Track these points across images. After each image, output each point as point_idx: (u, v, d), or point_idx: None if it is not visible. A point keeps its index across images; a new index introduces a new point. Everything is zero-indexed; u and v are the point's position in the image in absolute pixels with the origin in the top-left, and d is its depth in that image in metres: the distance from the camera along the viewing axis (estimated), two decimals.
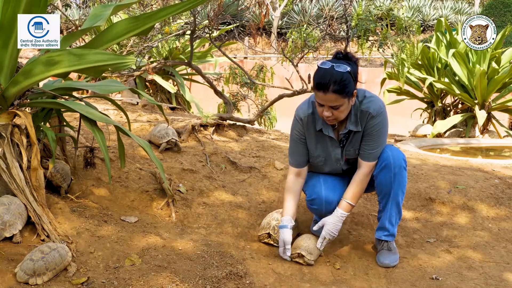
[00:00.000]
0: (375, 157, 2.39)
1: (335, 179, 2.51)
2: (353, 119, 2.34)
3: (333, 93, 2.18)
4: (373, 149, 2.37)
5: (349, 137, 2.40)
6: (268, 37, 17.59)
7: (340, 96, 2.20)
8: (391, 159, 2.35)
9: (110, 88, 2.93)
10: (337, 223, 2.39)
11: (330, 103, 2.22)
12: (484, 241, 2.70)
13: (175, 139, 3.43)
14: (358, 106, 2.33)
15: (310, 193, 2.46)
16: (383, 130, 2.37)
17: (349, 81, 2.20)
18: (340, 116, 2.28)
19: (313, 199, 2.44)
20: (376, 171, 2.39)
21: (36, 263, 1.94)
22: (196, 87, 8.42)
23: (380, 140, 2.37)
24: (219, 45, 5.14)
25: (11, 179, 2.23)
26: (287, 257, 2.40)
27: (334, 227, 2.38)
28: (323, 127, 2.38)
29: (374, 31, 4.52)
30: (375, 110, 2.32)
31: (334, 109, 2.24)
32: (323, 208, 2.43)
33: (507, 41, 11.38)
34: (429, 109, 6.95)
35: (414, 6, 18.23)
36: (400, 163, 2.36)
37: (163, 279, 2.07)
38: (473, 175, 3.47)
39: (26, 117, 2.27)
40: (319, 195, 2.42)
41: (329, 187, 2.43)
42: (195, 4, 2.39)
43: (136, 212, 2.70)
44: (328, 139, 2.42)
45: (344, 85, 2.18)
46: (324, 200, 2.40)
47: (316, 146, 2.45)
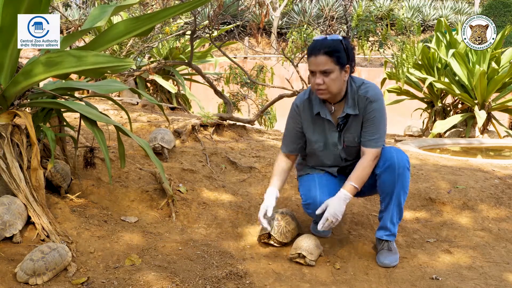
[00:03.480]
0: (377, 144, 2.38)
1: (330, 183, 2.49)
2: (350, 103, 2.36)
3: (323, 55, 2.24)
4: (373, 135, 2.37)
5: (347, 122, 2.40)
6: (268, 37, 17.58)
7: (330, 59, 2.24)
8: (395, 159, 2.34)
9: (110, 88, 2.93)
10: (341, 204, 2.30)
11: (321, 66, 2.25)
12: (484, 241, 2.70)
13: (160, 145, 3.29)
14: (356, 91, 2.37)
15: (306, 198, 2.46)
16: (382, 115, 2.38)
17: (341, 49, 2.26)
18: (331, 87, 2.28)
19: (309, 204, 2.44)
20: (379, 170, 2.38)
21: (36, 263, 1.94)
22: (196, 87, 8.42)
23: (380, 126, 2.37)
24: (219, 45, 5.14)
25: (11, 179, 2.24)
26: (264, 221, 2.41)
27: (337, 208, 2.29)
28: (320, 111, 2.40)
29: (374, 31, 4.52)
30: (373, 95, 2.35)
31: (325, 76, 2.26)
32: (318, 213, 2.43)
33: (507, 41, 11.37)
34: (429, 109, 6.95)
35: (414, 6, 18.22)
36: (404, 164, 2.35)
37: (163, 279, 2.07)
38: (473, 175, 3.47)
39: (26, 117, 2.27)
40: (314, 200, 2.40)
41: (324, 192, 2.41)
42: (196, 5, 2.40)
43: (136, 212, 2.70)
44: (326, 123, 2.43)
45: (335, 50, 2.24)
46: (319, 205, 2.39)
47: (314, 131, 2.46)
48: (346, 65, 2.30)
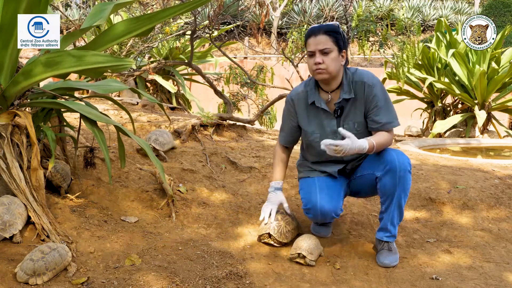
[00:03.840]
0: (390, 125, 2.38)
1: (331, 186, 2.46)
2: (346, 89, 2.38)
3: (323, 34, 2.30)
4: (382, 118, 2.37)
5: (343, 108, 2.40)
6: (268, 37, 17.57)
7: (330, 38, 2.30)
8: (396, 162, 2.32)
9: (110, 87, 2.93)
10: (354, 148, 2.23)
11: (320, 45, 2.30)
12: (484, 241, 2.70)
13: (152, 147, 3.26)
14: (351, 77, 2.39)
15: (306, 202, 2.45)
16: (386, 96, 2.39)
17: (339, 34, 2.33)
18: (330, 66, 2.31)
19: (308, 209, 2.43)
20: (380, 173, 2.36)
21: (36, 263, 1.94)
22: (196, 87, 8.42)
23: (387, 106, 2.38)
24: (219, 45, 5.14)
25: (11, 179, 2.24)
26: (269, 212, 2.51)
27: (349, 147, 2.22)
28: (315, 100, 2.42)
29: (374, 31, 4.53)
30: (369, 78, 2.38)
31: (324, 55, 2.31)
32: (318, 217, 2.43)
33: (507, 41, 11.37)
34: (429, 109, 6.96)
35: (414, 6, 18.22)
36: (405, 166, 2.33)
37: (163, 279, 2.07)
38: (473, 175, 3.47)
39: (26, 117, 2.27)
40: (314, 206, 2.40)
41: (324, 197, 2.40)
42: (196, 5, 2.39)
43: (136, 212, 2.70)
44: (321, 112, 2.43)
45: (335, 31, 2.32)
46: (319, 210, 2.39)
47: (309, 122, 2.47)
48: (343, 50, 2.35)
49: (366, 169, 2.45)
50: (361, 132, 2.41)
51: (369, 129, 2.42)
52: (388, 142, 2.39)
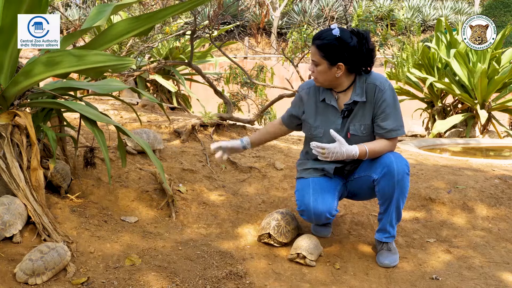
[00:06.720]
0: (395, 133, 2.36)
1: (325, 187, 2.44)
2: (358, 91, 2.37)
3: (314, 46, 2.32)
4: (388, 125, 2.34)
5: (352, 110, 2.39)
6: (268, 37, 17.57)
7: (318, 52, 2.31)
8: (394, 165, 2.29)
9: (110, 87, 2.92)
10: (343, 152, 2.26)
11: (311, 56, 2.35)
12: (484, 241, 2.70)
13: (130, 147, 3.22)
14: (364, 80, 2.38)
15: (299, 204, 2.44)
16: (396, 102, 2.38)
17: (333, 47, 2.28)
18: (318, 78, 2.36)
19: (302, 210, 2.43)
20: (378, 176, 2.34)
21: (35, 263, 1.94)
22: (196, 87, 8.42)
23: (395, 113, 2.36)
24: (219, 45, 5.14)
25: (11, 179, 2.23)
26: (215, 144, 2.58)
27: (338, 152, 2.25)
28: (325, 97, 2.42)
29: (374, 31, 4.52)
30: (381, 82, 2.36)
31: (315, 65, 2.35)
32: (312, 219, 2.42)
33: (507, 41, 11.37)
34: (429, 109, 6.96)
35: (414, 6, 18.22)
36: (403, 169, 2.30)
37: (163, 279, 2.07)
38: (473, 175, 3.47)
39: (26, 117, 2.27)
40: (308, 208, 2.39)
41: (318, 199, 2.38)
42: (195, 4, 2.39)
43: (136, 212, 2.70)
44: (330, 109, 2.43)
45: (325, 46, 2.29)
46: (312, 212, 2.38)
47: (316, 117, 2.46)
48: (338, 63, 2.30)
49: (363, 171, 2.43)
50: (367, 135, 2.39)
51: (374, 134, 2.40)
52: (385, 150, 2.35)
